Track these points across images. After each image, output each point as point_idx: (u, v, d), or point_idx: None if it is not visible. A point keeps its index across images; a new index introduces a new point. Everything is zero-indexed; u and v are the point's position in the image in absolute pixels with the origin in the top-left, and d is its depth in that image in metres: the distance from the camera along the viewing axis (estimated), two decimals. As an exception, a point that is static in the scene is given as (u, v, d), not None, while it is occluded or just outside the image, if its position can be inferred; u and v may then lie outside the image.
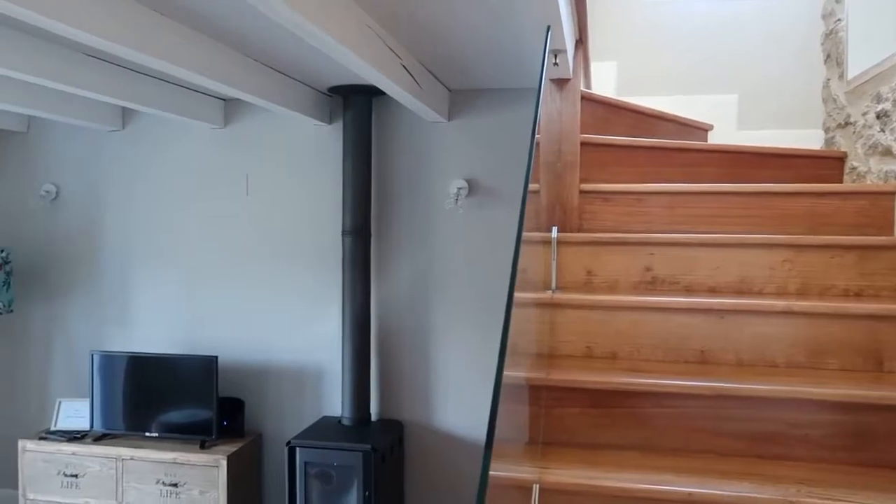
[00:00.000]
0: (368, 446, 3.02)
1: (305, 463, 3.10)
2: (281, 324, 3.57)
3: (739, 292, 2.30)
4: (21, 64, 2.40)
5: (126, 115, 3.71)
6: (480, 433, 3.37)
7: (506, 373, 1.16)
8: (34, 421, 3.88)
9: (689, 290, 2.35)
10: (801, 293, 2.28)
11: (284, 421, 3.58)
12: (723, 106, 3.86)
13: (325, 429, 3.29)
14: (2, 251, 3.44)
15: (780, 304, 2.10)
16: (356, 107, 3.26)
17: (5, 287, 3.46)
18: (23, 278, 3.85)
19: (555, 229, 2.39)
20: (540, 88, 1.58)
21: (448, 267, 3.39)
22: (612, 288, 2.37)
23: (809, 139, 3.46)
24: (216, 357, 3.34)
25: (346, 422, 3.31)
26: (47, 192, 3.78)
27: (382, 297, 3.47)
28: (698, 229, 2.52)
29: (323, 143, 3.51)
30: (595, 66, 3.67)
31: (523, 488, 1.68)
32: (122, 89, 2.86)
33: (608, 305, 2.19)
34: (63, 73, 2.58)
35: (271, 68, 2.89)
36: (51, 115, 3.22)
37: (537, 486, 1.66)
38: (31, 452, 3.40)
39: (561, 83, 2.53)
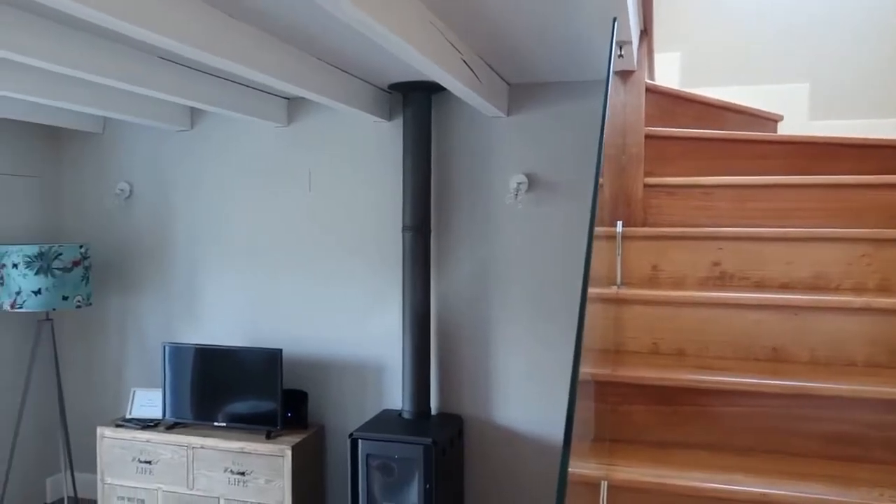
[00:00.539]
0: (429, 440, 3.05)
1: (367, 455, 3.15)
2: (343, 318, 3.64)
3: (814, 288, 2.22)
4: (98, 67, 2.50)
5: (194, 115, 3.84)
6: (540, 428, 3.36)
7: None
8: (111, 409, 4.06)
9: (760, 286, 2.28)
10: (882, 289, 2.19)
11: (346, 413, 3.65)
12: (793, 96, 3.72)
13: (386, 422, 3.33)
14: (81, 247, 3.60)
15: (858, 300, 2.02)
16: (416, 103, 3.28)
17: (84, 281, 3.62)
18: (100, 273, 4.04)
19: (619, 224, 2.36)
20: (608, 81, 1.56)
21: (508, 262, 3.39)
22: (678, 283, 2.33)
23: (887, 129, 3.30)
24: (280, 350, 3.42)
25: (406, 415, 3.35)
26: (122, 190, 3.94)
27: (442, 293, 3.49)
28: (769, 223, 2.44)
29: (383, 139, 3.55)
30: (658, 58, 3.59)
31: (591, 485, 1.67)
32: (191, 90, 2.96)
33: (675, 301, 2.15)
34: (136, 76, 2.68)
35: (334, 66, 2.93)
36: (124, 116, 3.35)
37: (605, 482, 1.64)
38: (109, 439, 3.56)
39: (625, 75, 2.49)
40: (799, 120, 3.62)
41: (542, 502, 3.37)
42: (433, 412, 3.49)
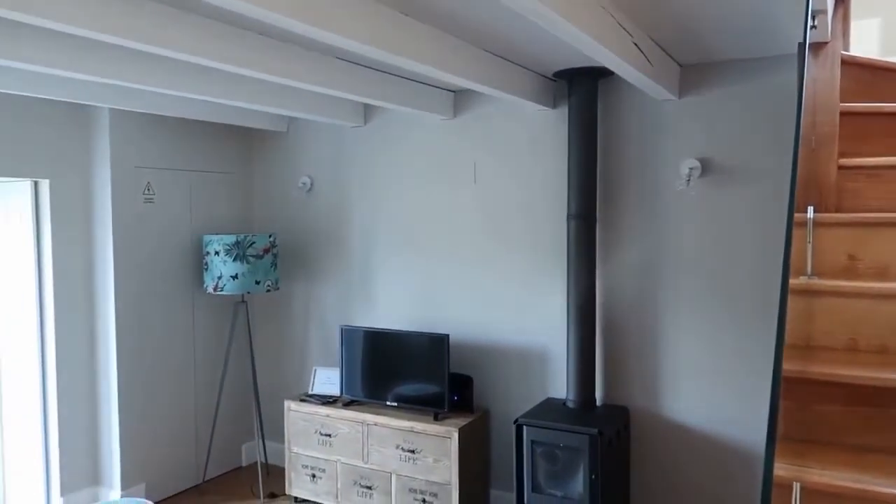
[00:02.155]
0: (595, 430, 3.02)
1: (532, 441, 3.18)
2: (508, 306, 3.69)
3: None
4: (284, 70, 2.72)
5: (367, 111, 4.06)
6: (712, 424, 3.20)
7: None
8: (296, 384, 4.44)
9: (983, 278, 2.01)
10: None
11: (510, 400, 3.70)
12: None
13: (550, 410, 3.34)
14: (270, 236, 3.96)
15: None
16: (581, 89, 3.24)
17: (273, 267, 3.98)
18: (285, 260, 4.41)
19: (810, 209, 2.18)
20: (805, 55, 1.44)
21: (679, 250, 3.25)
22: (881, 274, 2.11)
23: None
24: (447, 335, 3.54)
25: (570, 404, 3.34)
26: (304, 183, 4.28)
27: (608, 281, 3.43)
28: None
29: (547, 128, 3.54)
30: (853, 25, 3.25)
31: (782, 486, 1.57)
32: (365, 88, 3.13)
33: (879, 294, 1.95)
34: (318, 76, 2.88)
35: (500, 57, 2.97)
36: (306, 115, 3.63)
37: (798, 484, 1.54)
38: (294, 412, 3.90)
39: (817, 47, 2.29)
40: None
41: (711, 501, 3.21)
42: (598, 402, 3.44)
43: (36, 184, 3.64)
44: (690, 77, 3.18)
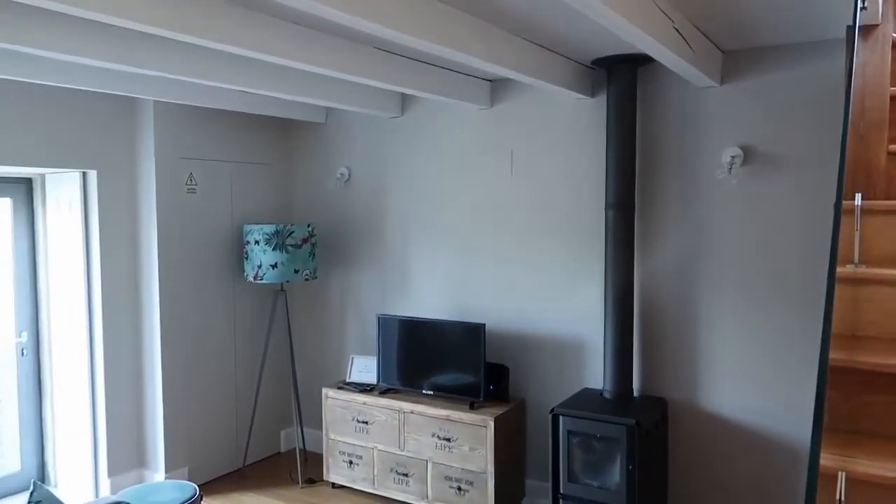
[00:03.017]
0: (633, 421, 3.00)
1: (568, 431, 3.17)
2: (544, 296, 3.68)
3: None
4: (323, 60, 2.74)
5: (405, 102, 4.08)
6: (752, 416, 3.15)
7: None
8: (333, 372, 4.50)
9: None
10: None
11: (546, 389, 3.70)
12: None
13: (587, 400, 3.33)
14: (308, 226, 4.01)
15: None
16: (620, 77, 3.20)
17: (311, 257, 4.04)
18: (323, 249, 4.47)
19: (858, 196, 2.12)
20: (855, 38, 1.40)
21: (718, 240, 3.20)
22: (932, 263, 2.04)
23: None
24: (484, 325, 3.55)
25: (607, 395, 3.32)
26: (341, 174, 4.32)
27: (646, 272, 3.39)
28: None
29: (585, 116, 3.51)
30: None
31: (826, 477, 1.54)
32: (403, 77, 3.14)
33: (930, 283, 1.89)
34: (356, 66, 2.90)
35: (538, 45, 2.95)
36: (344, 106, 3.66)
37: (843, 474, 1.51)
38: (332, 399, 3.95)
39: (866, 30, 2.22)
40: None
41: (752, 494, 3.17)
42: (635, 393, 3.41)
43: (84, 174, 3.75)
44: (733, 63, 3.12)
